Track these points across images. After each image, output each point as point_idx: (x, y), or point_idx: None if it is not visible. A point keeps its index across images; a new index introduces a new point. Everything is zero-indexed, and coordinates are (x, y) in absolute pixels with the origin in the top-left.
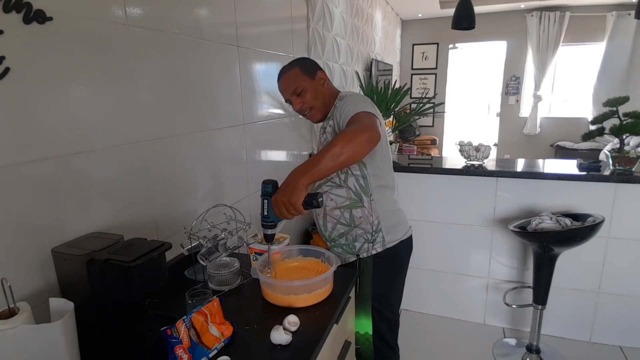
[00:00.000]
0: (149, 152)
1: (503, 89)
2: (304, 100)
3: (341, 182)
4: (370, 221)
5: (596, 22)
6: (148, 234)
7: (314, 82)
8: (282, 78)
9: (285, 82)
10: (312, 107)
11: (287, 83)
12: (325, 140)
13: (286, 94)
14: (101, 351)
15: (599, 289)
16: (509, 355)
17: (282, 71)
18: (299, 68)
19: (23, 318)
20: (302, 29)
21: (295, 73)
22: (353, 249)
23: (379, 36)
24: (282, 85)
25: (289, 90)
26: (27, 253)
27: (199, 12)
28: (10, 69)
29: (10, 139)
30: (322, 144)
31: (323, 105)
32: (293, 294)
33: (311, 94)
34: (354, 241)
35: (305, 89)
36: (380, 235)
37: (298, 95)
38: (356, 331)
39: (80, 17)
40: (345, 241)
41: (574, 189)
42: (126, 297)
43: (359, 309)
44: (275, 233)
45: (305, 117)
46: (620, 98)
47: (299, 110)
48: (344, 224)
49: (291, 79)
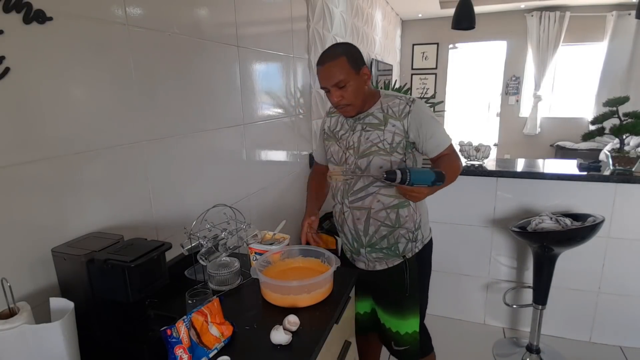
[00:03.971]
0: (149, 152)
1: (503, 89)
2: (344, 95)
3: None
4: (414, 219)
5: (596, 22)
6: (148, 234)
7: (358, 78)
8: (326, 65)
9: (329, 71)
10: (351, 104)
11: (332, 73)
12: (363, 138)
13: (327, 83)
14: (101, 351)
15: (599, 289)
16: (509, 355)
17: (326, 56)
18: (346, 58)
19: (23, 318)
20: (302, 29)
21: (342, 63)
22: (397, 251)
23: (379, 36)
24: (324, 72)
25: (332, 81)
26: (27, 253)
27: (199, 12)
28: (10, 69)
29: (10, 139)
30: (354, 142)
31: (362, 103)
32: (293, 294)
33: (353, 90)
34: (396, 243)
35: (349, 84)
36: (420, 233)
37: (340, 88)
38: (403, 333)
39: (80, 17)
40: (387, 244)
41: (574, 189)
42: (126, 297)
43: (408, 310)
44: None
45: (337, 110)
46: (620, 98)
47: (335, 103)
48: (388, 226)
49: (337, 69)
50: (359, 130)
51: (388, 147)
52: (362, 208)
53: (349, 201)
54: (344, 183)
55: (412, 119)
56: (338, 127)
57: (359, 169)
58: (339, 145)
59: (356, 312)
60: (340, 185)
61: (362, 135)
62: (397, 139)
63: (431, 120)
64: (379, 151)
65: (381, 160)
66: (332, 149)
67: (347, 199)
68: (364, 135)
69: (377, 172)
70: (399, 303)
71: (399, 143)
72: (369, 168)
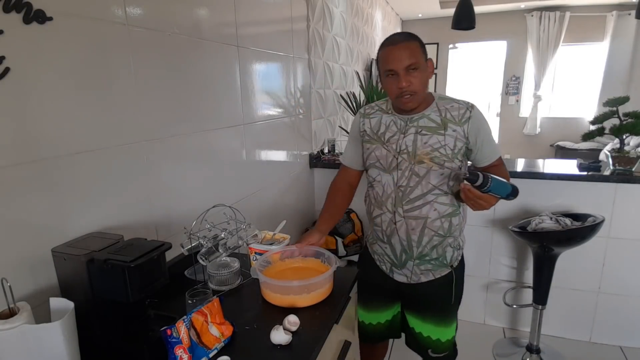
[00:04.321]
0: (149, 152)
1: (503, 89)
2: (413, 81)
3: (449, 188)
4: (461, 227)
5: (596, 22)
6: (148, 234)
7: (425, 68)
8: (400, 45)
9: (404, 51)
10: (416, 93)
11: (407, 53)
12: (419, 142)
13: (398, 65)
14: (101, 351)
15: (599, 289)
16: (509, 355)
17: (398, 37)
18: (419, 45)
19: (23, 318)
20: (302, 29)
21: (416, 46)
22: (444, 261)
23: (379, 36)
24: (397, 52)
25: (405, 62)
26: (27, 253)
27: (199, 12)
28: (10, 69)
29: (11, 139)
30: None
31: (422, 95)
32: (293, 294)
33: (422, 78)
34: (444, 253)
35: (418, 69)
36: (461, 239)
37: (411, 71)
38: (444, 340)
39: (80, 17)
40: (437, 254)
41: (574, 189)
42: (126, 297)
43: (451, 318)
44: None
45: (400, 100)
46: (620, 98)
47: (401, 88)
48: (440, 235)
49: (412, 51)
50: (413, 133)
51: (450, 152)
52: (418, 217)
53: (403, 210)
54: (396, 191)
55: (472, 124)
56: (382, 128)
57: (415, 176)
58: (387, 149)
59: (370, 322)
60: (392, 193)
61: (417, 139)
62: (459, 145)
63: (488, 129)
64: (440, 157)
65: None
66: (378, 152)
67: (400, 208)
68: (420, 139)
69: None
70: (444, 313)
71: (460, 149)
72: (429, 175)
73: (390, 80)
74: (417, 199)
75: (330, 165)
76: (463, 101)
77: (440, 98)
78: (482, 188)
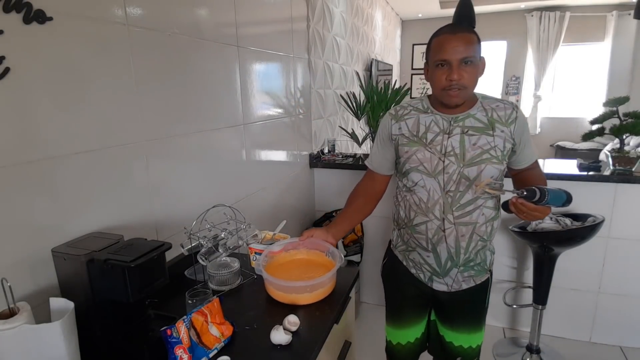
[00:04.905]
0: (149, 152)
1: (503, 89)
2: (465, 75)
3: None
4: (497, 230)
5: (596, 22)
6: (148, 234)
7: (479, 65)
8: (459, 34)
9: (462, 42)
10: (467, 88)
11: (465, 45)
12: (468, 144)
13: (453, 55)
14: (101, 351)
15: (599, 289)
16: (509, 355)
17: (456, 27)
18: (477, 39)
19: (23, 318)
20: (302, 29)
21: (474, 41)
22: (485, 266)
23: (379, 36)
24: (455, 41)
25: (462, 54)
26: (27, 253)
27: (199, 12)
28: (10, 69)
29: (10, 139)
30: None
31: (471, 93)
32: (295, 293)
33: (474, 73)
34: (485, 257)
35: (473, 63)
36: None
37: (467, 64)
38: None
39: (80, 17)
40: (480, 259)
41: (573, 189)
42: (126, 297)
43: (484, 322)
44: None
45: (447, 93)
46: (620, 98)
47: (453, 81)
48: (484, 240)
49: (470, 43)
50: (459, 133)
51: (500, 154)
52: (469, 223)
53: (454, 217)
54: (445, 196)
55: (518, 125)
56: (422, 129)
57: (465, 179)
58: (431, 151)
59: (399, 342)
60: (439, 199)
61: (465, 140)
62: (508, 146)
63: (528, 129)
64: (491, 159)
65: (494, 169)
66: (420, 155)
67: (450, 214)
68: (468, 140)
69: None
70: (477, 319)
71: (509, 150)
72: (480, 178)
73: (440, 71)
74: (468, 204)
75: (330, 165)
76: (507, 101)
77: (484, 97)
78: (540, 202)
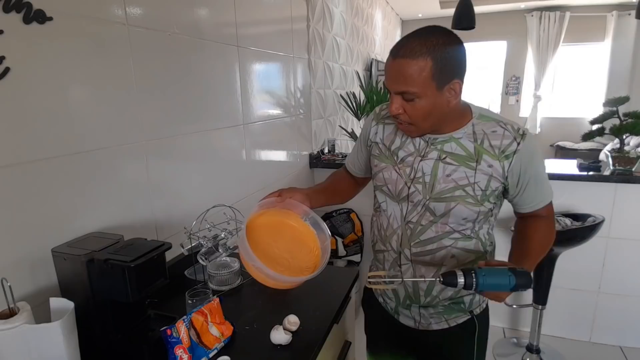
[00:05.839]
0: (149, 152)
1: (503, 89)
2: (408, 110)
3: (474, 232)
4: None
5: (596, 22)
6: (148, 234)
7: (437, 95)
8: (397, 61)
9: (398, 71)
10: (414, 125)
11: (400, 74)
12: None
13: (390, 85)
14: (101, 351)
15: (599, 289)
16: (509, 355)
17: (403, 48)
18: (432, 64)
19: (23, 318)
20: (302, 29)
21: (421, 69)
22: (462, 306)
23: (379, 36)
24: (391, 69)
25: (396, 86)
26: (27, 253)
27: (199, 12)
28: (10, 69)
29: (10, 139)
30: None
31: (432, 126)
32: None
33: (423, 110)
34: (461, 296)
35: (419, 99)
36: None
37: (405, 99)
38: None
39: (80, 17)
40: (450, 300)
41: (574, 189)
42: (126, 297)
43: None
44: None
45: (396, 123)
46: (620, 98)
47: (392, 114)
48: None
49: (410, 73)
50: (434, 159)
51: (480, 194)
52: (430, 264)
53: (411, 253)
54: (404, 227)
55: (517, 160)
56: (397, 143)
57: (430, 213)
58: (399, 172)
59: None
60: (398, 228)
61: (439, 168)
62: (493, 185)
63: (540, 164)
64: (465, 197)
65: (467, 210)
66: (386, 174)
67: (407, 249)
68: (442, 169)
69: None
70: None
71: (494, 191)
72: (448, 216)
73: (390, 96)
74: (429, 242)
75: (330, 165)
76: (512, 126)
77: (482, 117)
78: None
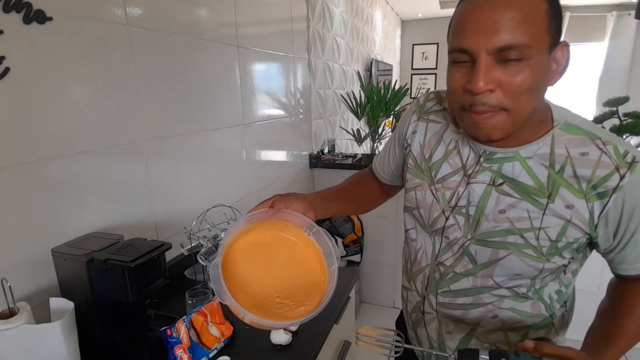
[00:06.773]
0: (149, 152)
1: None
2: (505, 84)
3: (533, 291)
4: (555, 340)
5: (596, 22)
6: (148, 234)
7: (547, 64)
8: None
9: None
10: (508, 110)
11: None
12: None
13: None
14: (101, 351)
15: (599, 289)
16: None
17: None
18: (549, 7)
19: (23, 318)
20: (302, 29)
21: (535, 9)
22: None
23: (379, 36)
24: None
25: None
26: (27, 253)
27: (199, 12)
28: (10, 69)
29: (10, 139)
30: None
31: (525, 117)
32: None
33: (528, 82)
34: None
35: (527, 61)
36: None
37: (504, 60)
38: None
39: (80, 17)
40: None
41: None
42: (126, 297)
43: None
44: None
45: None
46: (620, 98)
47: (473, 92)
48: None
49: (518, 15)
50: (486, 182)
51: (547, 246)
52: (461, 321)
53: (437, 301)
54: (434, 268)
55: (618, 201)
56: (439, 154)
57: (469, 259)
58: (435, 195)
59: None
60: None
61: (490, 197)
62: (571, 236)
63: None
64: (523, 246)
65: (522, 264)
66: (419, 194)
67: (434, 296)
68: (495, 200)
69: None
70: None
71: (571, 243)
72: (494, 267)
73: (456, 72)
74: (461, 294)
75: (330, 165)
76: (615, 147)
77: (568, 126)
78: None
